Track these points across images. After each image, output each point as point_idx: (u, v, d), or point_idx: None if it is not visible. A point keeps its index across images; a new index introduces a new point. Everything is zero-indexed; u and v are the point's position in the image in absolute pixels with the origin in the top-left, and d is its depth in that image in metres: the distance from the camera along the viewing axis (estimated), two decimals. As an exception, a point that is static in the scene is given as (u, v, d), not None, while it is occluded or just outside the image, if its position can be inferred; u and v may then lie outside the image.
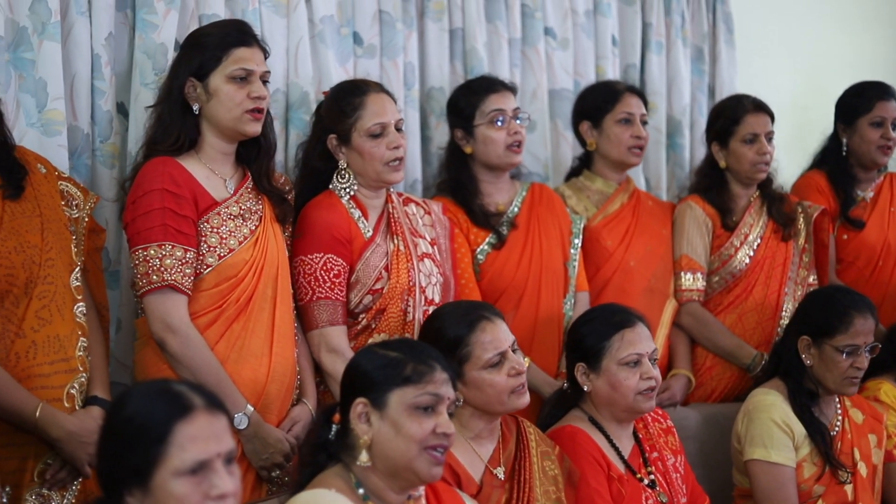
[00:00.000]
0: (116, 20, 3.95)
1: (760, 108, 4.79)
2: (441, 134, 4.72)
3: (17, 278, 3.19)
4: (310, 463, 2.95)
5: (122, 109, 3.99)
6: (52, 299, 3.26)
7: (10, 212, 3.24)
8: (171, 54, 3.95)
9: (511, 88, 4.40)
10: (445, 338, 3.45)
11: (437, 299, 3.93)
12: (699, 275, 4.72)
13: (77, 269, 3.38)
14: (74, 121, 3.85)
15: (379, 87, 3.99)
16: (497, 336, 3.46)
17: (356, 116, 3.86)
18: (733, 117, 4.78)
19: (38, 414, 3.15)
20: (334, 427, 2.94)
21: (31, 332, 3.20)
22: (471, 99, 4.34)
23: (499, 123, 4.29)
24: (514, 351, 3.47)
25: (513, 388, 3.42)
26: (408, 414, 2.86)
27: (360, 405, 2.88)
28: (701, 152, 5.55)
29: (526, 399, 3.46)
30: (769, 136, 4.76)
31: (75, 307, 3.34)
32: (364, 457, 2.86)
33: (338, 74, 4.39)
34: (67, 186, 3.49)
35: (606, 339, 3.73)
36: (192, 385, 2.42)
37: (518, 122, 4.33)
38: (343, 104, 3.89)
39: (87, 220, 3.51)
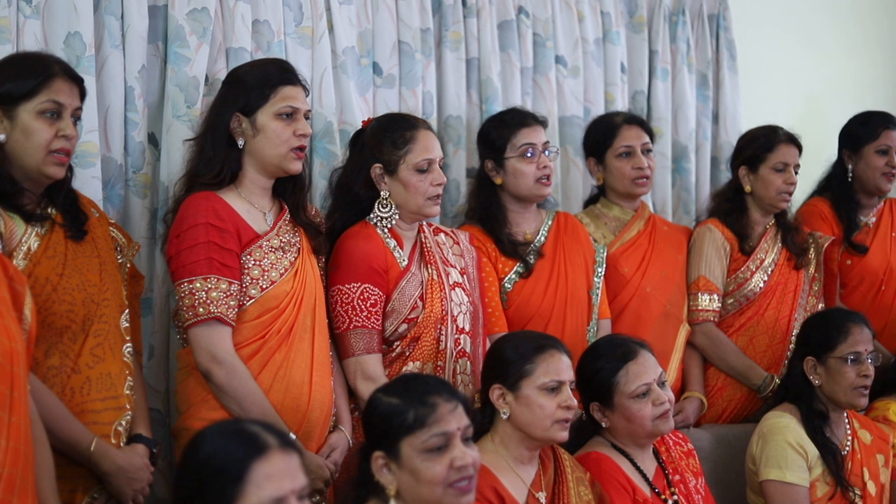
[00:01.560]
0: (148, 52, 4.02)
1: (792, 140, 4.92)
2: (459, 161, 4.81)
3: (76, 315, 3.26)
4: (354, 498, 3.02)
5: (153, 140, 4.06)
6: (106, 338, 3.33)
7: (73, 251, 3.31)
8: (203, 87, 4.04)
9: (542, 122, 4.48)
10: (512, 353, 3.58)
11: (467, 328, 4.00)
12: (715, 296, 4.82)
13: (126, 311, 3.46)
14: (108, 152, 3.92)
15: (427, 125, 4.08)
16: (560, 367, 3.56)
17: (406, 150, 3.93)
18: (767, 145, 4.89)
19: (92, 448, 3.22)
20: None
21: (86, 368, 3.27)
22: (502, 132, 4.42)
23: (529, 156, 4.38)
24: (572, 390, 3.57)
25: (558, 419, 3.52)
26: (421, 459, 2.91)
27: (378, 459, 2.95)
28: (706, 177, 5.70)
29: (565, 435, 3.56)
30: (797, 168, 4.89)
31: (124, 347, 3.41)
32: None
33: (358, 104, 4.48)
34: (115, 232, 3.56)
35: (613, 375, 3.81)
36: (264, 425, 2.48)
37: (547, 154, 4.41)
38: (395, 136, 3.95)
39: (129, 266, 3.58)
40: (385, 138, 3.97)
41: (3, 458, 2.63)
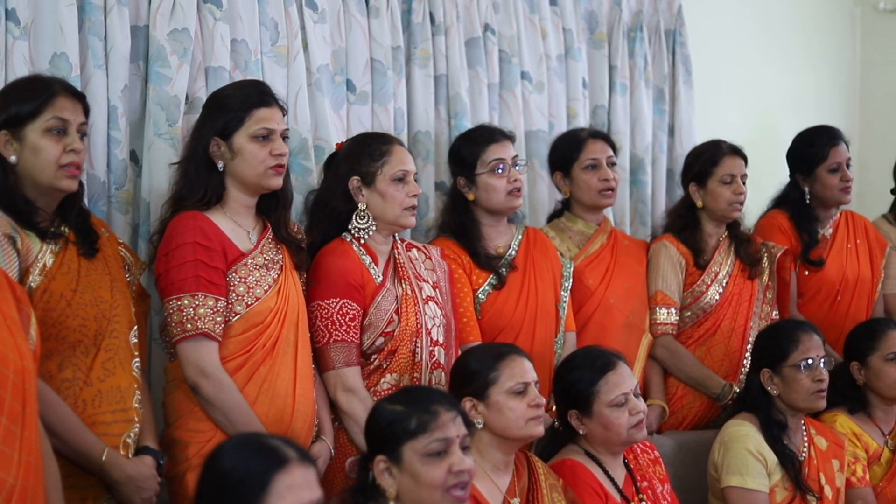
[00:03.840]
0: (130, 72, 4.09)
1: (736, 152, 5.07)
2: (427, 175, 4.91)
3: (89, 329, 3.37)
4: None
5: (135, 157, 4.14)
6: (116, 353, 3.44)
7: (86, 267, 3.42)
8: (183, 105, 4.12)
9: (510, 137, 4.61)
10: (475, 365, 3.73)
11: (441, 340, 4.12)
12: (673, 310, 4.97)
13: (135, 328, 3.56)
14: (92, 169, 3.98)
15: (401, 142, 4.22)
16: (524, 369, 3.72)
17: (384, 161, 4.06)
18: (712, 159, 5.05)
19: (104, 457, 3.33)
20: (371, 473, 3.17)
21: (97, 381, 3.38)
22: (472, 149, 4.54)
23: (499, 171, 4.50)
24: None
25: (531, 417, 3.67)
26: (422, 463, 3.10)
27: (380, 462, 3.13)
28: (662, 189, 5.83)
29: (541, 429, 3.72)
30: (744, 178, 5.04)
31: (133, 362, 3.51)
32: None
33: (332, 121, 4.56)
34: (124, 252, 3.67)
35: (592, 385, 3.95)
36: (283, 439, 2.60)
37: (517, 168, 4.55)
38: (372, 149, 4.08)
39: (136, 285, 3.68)
40: (362, 152, 4.10)
41: (17, 471, 2.73)
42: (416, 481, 3.09)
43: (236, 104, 3.76)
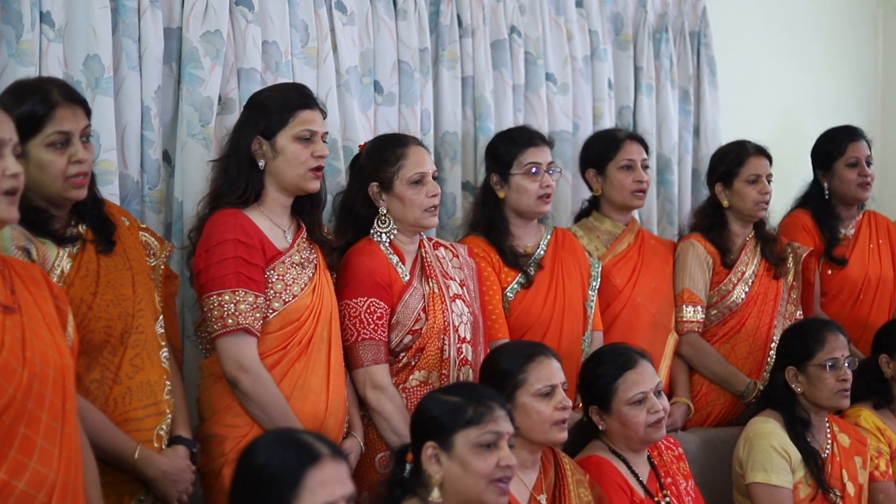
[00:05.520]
0: (163, 73, 4.16)
1: (761, 152, 5.12)
2: (455, 175, 4.96)
3: (114, 329, 3.40)
4: (387, 498, 3.24)
5: (168, 158, 4.20)
6: (144, 347, 3.47)
7: (105, 266, 3.43)
8: (216, 106, 4.19)
9: (548, 143, 4.67)
10: (505, 365, 3.78)
11: (468, 337, 4.16)
12: (699, 308, 5.01)
13: (161, 317, 3.59)
14: (125, 169, 4.04)
15: (418, 141, 4.26)
16: (551, 371, 3.77)
17: (399, 165, 4.10)
18: (738, 160, 5.10)
19: (136, 456, 3.37)
20: (408, 465, 3.23)
21: (126, 378, 3.41)
22: (510, 149, 4.60)
23: (533, 173, 4.56)
24: (565, 391, 3.77)
25: (556, 420, 3.72)
26: (473, 452, 3.18)
27: (429, 448, 3.20)
28: (688, 189, 5.86)
29: (564, 435, 3.77)
30: (769, 178, 5.09)
31: (161, 353, 3.54)
32: (436, 494, 3.17)
33: (360, 122, 4.62)
34: (147, 237, 3.68)
35: (612, 382, 4.00)
36: (316, 435, 2.65)
37: (550, 174, 4.60)
38: (386, 154, 4.13)
39: (163, 267, 3.70)
40: (378, 157, 4.14)
41: (58, 467, 2.79)
42: (464, 469, 3.17)
43: (280, 105, 3.81)
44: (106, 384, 3.38)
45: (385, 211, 4.13)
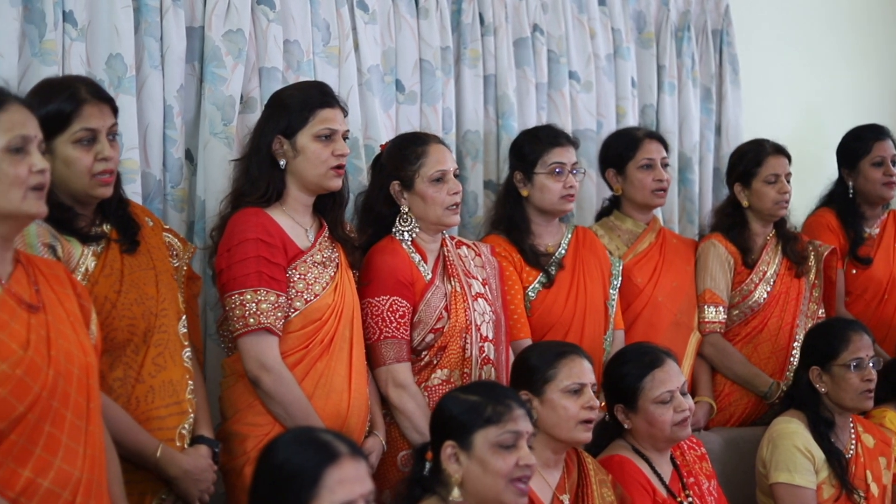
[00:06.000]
0: (186, 72, 4.17)
1: (780, 150, 5.10)
2: (476, 174, 4.96)
3: (137, 328, 3.40)
4: (406, 496, 3.24)
5: (190, 156, 4.21)
6: (166, 346, 3.47)
7: (129, 265, 3.44)
8: (238, 105, 4.19)
9: (574, 143, 4.66)
10: (537, 360, 3.79)
11: (490, 336, 4.16)
12: (721, 308, 5.00)
13: (184, 317, 3.59)
14: (148, 168, 4.06)
15: (438, 139, 4.25)
16: (582, 370, 3.78)
17: (420, 163, 4.10)
18: (756, 159, 5.08)
19: (158, 454, 3.38)
20: (427, 464, 3.23)
21: (149, 377, 3.41)
22: (536, 147, 4.59)
23: (557, 173, 4.55)
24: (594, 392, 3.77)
25: (582, 419, 3.72)
26: (492, 452, 3.18)
27: (449, 448, 3.20)
28: (709, 187, 5.85)
29: (589, 435, 3.76)
30: (788, 177, 5.07)
31: (183, 353, 3.54)
32: (456, 493, 3.17)
33: (382, 120, 4.63)
34: (170, 238, 3.68)
35: (639, 380, 4.00)
36: (335, 433, 2.66)
37: (574, 174, 4.60)
38: (407, 152, 4.13)
39: (185, 268, 3.71)
40: (400, 156, 4.14)
41: (82, 465, 2.80)
42: (483, 469, 3.17)
43: (300, 104, 3.81)
44: (129, 382, 3.39)
45: (407, 209, 4.13)
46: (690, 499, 4.03)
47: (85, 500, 2.79)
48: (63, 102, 3.30)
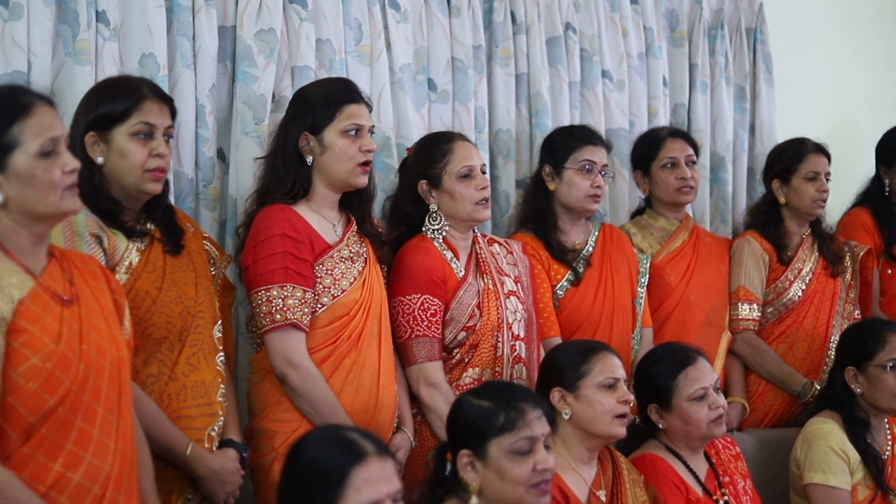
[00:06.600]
0: (218, 71, 4.18)
1: (820, 150, 5.07)
2: (509, 173, 4.96)
3: (174, 326, 3.42)
4: (429, 497, 3.23)
5: (222, 155, 4.23)
6: (200, 348, 3.49)
7: (170, 265, 3.47)
8: (270, 104, 4.20)
9: (607, 146, 4.67)
10: (570, 357, 3.79)
11: (522, 334, 4.16)
12: (755, 305, 4.97)
13: (219, 322, 3.61)
14: (180, 167, 4.07)
15: (463, 136, 4.26)
16: (615, 365, 3.77)
17: (446, 161, 4.10)
18: (796, 157, 5.05)
19: (188, 452, 3.39)
20: (448, 464, 3.22)
21: (182, 376, 3.43)
22: (569, 142, 4.60)
23: (587, 171, 4.55)
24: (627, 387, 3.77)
25: (618, 413, 3.71)
26: (508, 460, 3.15)
27: (464, 457, 3.18)
28: (742, 187, 5.82)
29: (624, 430, 3.75)
30: (827, 176, 5.04)
31: (217, 356, 3.55)
32: (475, 501, 3.15)
33: (414, 119, 4.63)
34: (208, 245, 3.72)
35: (672, 379, 3.99)
36: (362, 432, 2.66)
37: (603, 175, 4.59)
38: (432, 151, 4.13)
39: (221, 278, 3.74)
40: (426, 155, 4.15)
41: (113, 459, 2.82)
42: (500, 477, 3.14)
43: (326, 100, 3.81)
44: (162, 380, 3.40)
45: (436, 208, 4.13)
46: (726, 497, 4.01)
47: (115, 494, 2.81)
48: (125, 95, 3.40)
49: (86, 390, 2.78)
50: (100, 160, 3.37)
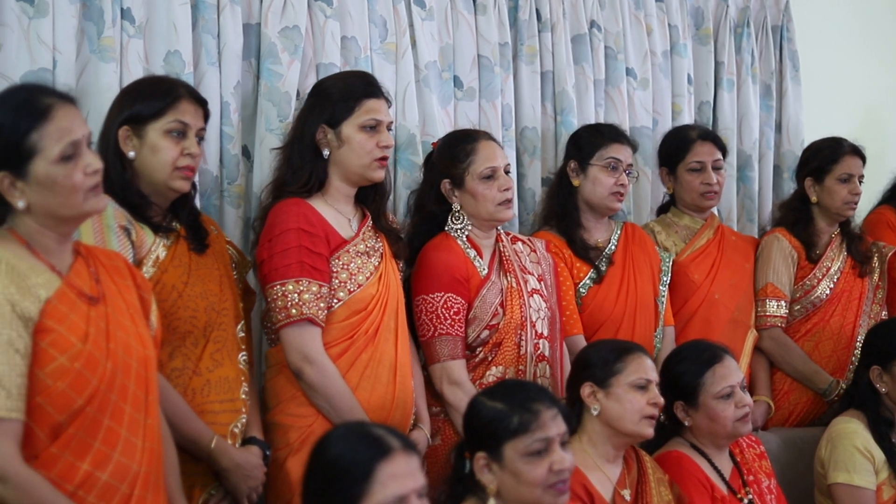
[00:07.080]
0: (242, 69, 4.19)
1: (856, 151, 5.05)
2: (534, 171, 4.94)
3: (199, 321, 3.43)
4: (450, 495, 3.22)
5: (247, 152, 4.22)
6: (224, 345, 3.50)
7: (196, 262, 3.48)
8: (294, 101, 4.19)
9: (632, 145, 4.66)
10: (604, 353, 3.79)
11: (546, 332, 4.15)
12: (783, 302, 4.95)
13: (242, 322, 3.62)
14: (205, 164, 4.06)
15: (488, 136, 4.24)
16: (648, 367, 3.77)
17: (469, 161, 4.09)
18: (832, 157, 5.03)
19: (213, 445, 3.39)
20: (467, 462, 3.21)
21: (206, 371, 3.44)
22: (596, 139, 4.59)
23: (612, 169, 4.54)
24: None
25: (647, 414, 3.71)
26: (523, 462, 3.13)
27: (480, 459, 3.17)
28: (769, 185, 5.78)
29: (652, 431, 3.74)
30: (860, 179, 5.02)
31: (240, 355, 3.56)
32: (493, 502, 3.15)
33: (440, 117, 4.61)
34: (231, 249, 3.73)
35: (700, 376, 3.99)
36: (387, 428, 2.66)
37: (627, 174, 4.59)
38: (456, 150, 4.12)
39: (242, 282, 3.75)
40: (449, 154, 4.14)
41: (140, 457, 2.83)
42: (517, 479, 3.13)
43: (345, 94, 3.80)
44: (186, 374, 3.41)
45: (458, 207, 4.12)
46: (750, 496, 4.01)
47: (143, 493, 2.82)
48: (162, 92, 3.45)
49: (113, 389, 2.78)
50: (131, 154, 3.40)
